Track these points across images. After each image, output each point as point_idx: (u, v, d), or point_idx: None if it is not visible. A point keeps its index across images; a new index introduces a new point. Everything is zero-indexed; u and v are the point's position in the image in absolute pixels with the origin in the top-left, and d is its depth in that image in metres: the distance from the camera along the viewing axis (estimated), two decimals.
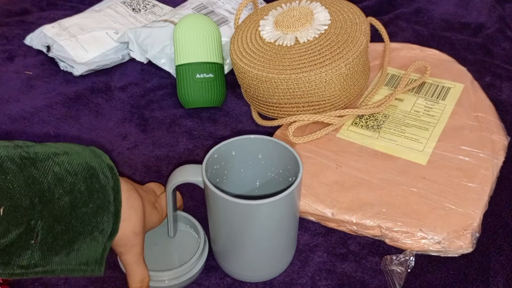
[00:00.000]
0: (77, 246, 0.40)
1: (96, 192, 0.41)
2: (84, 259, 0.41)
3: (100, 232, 0.41)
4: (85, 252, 0.41)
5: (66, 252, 0.40)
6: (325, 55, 0.63)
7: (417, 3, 0.97)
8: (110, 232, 0.42)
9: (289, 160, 0.49)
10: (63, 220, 0.39)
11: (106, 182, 0.42)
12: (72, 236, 0.40)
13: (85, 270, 0.42)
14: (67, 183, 0.39)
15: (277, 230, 0.47)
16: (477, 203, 0.55)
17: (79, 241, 0.40)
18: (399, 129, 0.65)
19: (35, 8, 1.01)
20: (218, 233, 0.49)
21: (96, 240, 0.41)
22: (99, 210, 0.41)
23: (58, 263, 0.40)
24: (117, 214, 0.42)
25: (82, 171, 0.40)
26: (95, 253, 0.42)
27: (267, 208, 0.44)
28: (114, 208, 0.42)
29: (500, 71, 0.79)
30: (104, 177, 0.42)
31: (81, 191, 0.40)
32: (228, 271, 0.52)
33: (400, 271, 0.51)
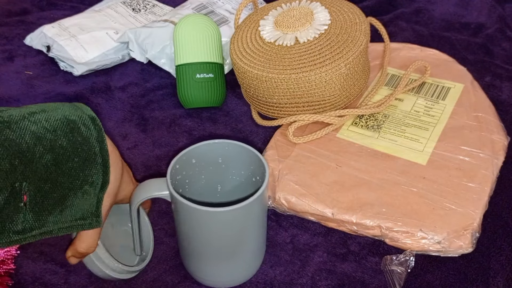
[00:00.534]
0: (69, 202, 0.40)
1: (80, 145, 0.40)
2: (80, 214, 0.41)
3: (90, 185, 0.40)
4: (79, 207, 0.40)
5: (59, 210, 0.39)
6: (325, 55, 0.63)
7: (417, 3, 0.97)
8: (101, 183, 0.41)
9: (252, 161, 0.49)
10: (49, 178, 0.38)
11: (88, 133, 0.40)
12: (62, 192, 0.39)
13: (83, 225, 0.41)
14: (47, 140, 0.38)
15: (246, 233, 0.47)
16: (477, 203, 0.55)
17: (70, 197, 0.40)
18: (399, 129, 0.65)
19: (35, 8, 1.01)
20: (189, 244, 0.48)
21: (87, 193, 0.41)
22: (85, 163, 0.40)
23: (54, 222, 0.39)
24: (105, 164, 0.41)
25: (62, 126, 0.39)
26: (89, 206, 0.41)
27: (239, 212, 0.44)
28: (102, 159, 0.41)
29: (500, 71, 0.79)
30: (86, 129, 0.40)
31: (63, 146, 0.39)
32: (203, 281, 0.52)
33: (400, 271, 0.51)
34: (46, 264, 0.54)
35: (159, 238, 0.57)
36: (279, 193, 0.58)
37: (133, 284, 0.52)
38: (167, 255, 0.55)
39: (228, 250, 0.47)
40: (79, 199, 0.40)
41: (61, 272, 0.53)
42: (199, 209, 0.43)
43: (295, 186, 0.58)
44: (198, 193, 0.53)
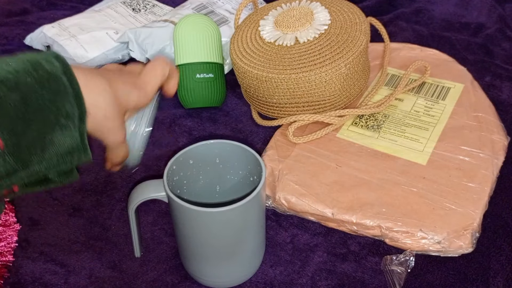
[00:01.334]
0: (48, 138, 0.39)
1: (46, 80, 0.39)
2: (64, 149, 0.40)
3: (66, 117, 0.40)
4: (61, 143, 0.40)
5: (40, 148, 0.39)
6: (325, 55, 0.63)
7: (417, 3, 0.97)
8: (78, 114, 0.40)
9: (249, 160, 0.49)
10: (20, 117, 0.37)
11: (53, 68, 0.40)
12: (37, 130, 0.38)
13: (71, 161, 0.41)
14: (10, 81, 0.37)
15: (244, 233, 0.47)
16: (477, 203, 0.55)
17: (48, 133, 0.39)
18: (399, 129, 0.65)
19: (35, 8, 1.01)
20: (188, 244, 0.48)
21: (66, 127, 0.40)
22: (56, 96, 0.39)
23: (38, 162, 0.39)
24: (77, 95, 0.40)
25: (23, 66, 0.39)
26: (72, 139, 0.40)
27: (236, 212, 0.44)
28: (72, 90, 0.40)
29: (500, 71, 0.79)
30: (50, 65, 0.40)
31: (28, 83, 0.38)
32: (202, 281, 0.52)
33: (400, 271, 0.51)
34: (46, 264, 0.54)
35: (159, 238, 0.57)
36: (279, 193, 0.58)
37: (133, 284, 0.52)
38: (167, 255, 0.55)
39: (227, 250, 0.47)
40: (58, 133, 0.40)
41: (61, 272, 0.53)
42: (195, 210, 0.43)
43: (295, 186, 0.58)
44: (197, 194, 0.53)
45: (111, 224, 0.58)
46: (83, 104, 0.41)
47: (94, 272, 0.53)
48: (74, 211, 0.60)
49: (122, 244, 0.56)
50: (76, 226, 0.58)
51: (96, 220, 0.59)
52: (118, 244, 0.56)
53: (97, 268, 0.54)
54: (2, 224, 0.55)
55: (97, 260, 0.54)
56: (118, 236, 0.57)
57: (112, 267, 0.54)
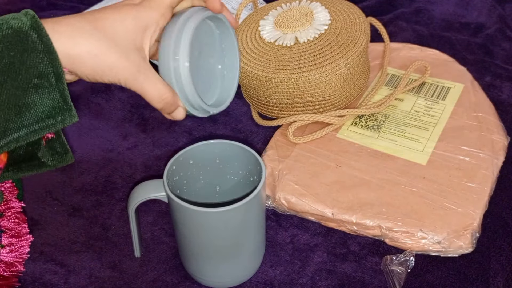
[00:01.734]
0: (23, 101, 0.36)
1: (12, 38, 0.36)
2: (45, 112, 0.37)
3: (39, 77, 0.36)
4: (38, 105, 0.37)
5: (14, 112, 0.36)
6: (325, 55, 0.63)
7: (417, 3, 0.97)
8: (53, 71, 0.37)
9: (249, 160, 0.49)
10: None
11: (20, 24, 0.37)
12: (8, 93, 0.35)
13: (55, 123, 0.38)
14: None
15: (244, 233, 0.47)
16: (477, 203, 0.55)
17: (21, 96, 0.36)
18: (399, 129, 0.65)
19: (35, 8, 1.01)
20: (188, 244, 0.48)
21: (42, 87, 0.37)
22: (23, 54, 0.36)
23: (16, 128, 0.36)
24: (49, 50, 0.36)
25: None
26: (52, 101, 0.37)
27: (236, 212, 0.44)
28: (43, 46, 0.36)
29: (500, 71, 0.79)
30: (17, 21, 0.37)
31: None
32: (202, 282, 0.52)
33: (400, 271, 0.51)
34: (46, 264, 0.54)
35: (159, 238, 0.57)
36: (279, 193, 0.58)
37: (133, 284, 0.52)
38: (167, 255, 0.55)
39: (227, 250, 0.47)
40: (32, 96, 0.36)
41: (61, 272, 0.53)
42: (195, 210, 0.43)
43: (295, 186, 0.58)
44: (197, 194, 0.53)
45: (111, 224, 0.58)
46: (57, 60, 0.37)
47: (94, 272, 0.53)
48: (74, 211, 0.60)
49: (122, 244, 0.56)
50: (76, 226, 0.58)
51: (96, 220, 0.59)
52: (118, 244, 0.56)
53: (97, 268, 0.54)
54: (15, 235, 0.56)
55: (97, 260, 0.54)
56: (118, 236, 0.57)
57: (112, 267, 0.54)
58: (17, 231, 0.56)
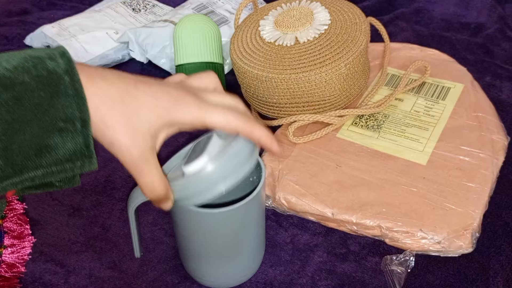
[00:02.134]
0: (45, 142, 0.36)
1: (46, 79, 0.36)
2: (65, 156, 0.37)
3: (64, 121, 0.36)
4: (60, 148, 0.36)
5: (35, 152, 0.36)
6: (325, 55, 0.63)
7: (417, 3, 0.97)
8: (80, 117, 0.36)
9: None
10: (13, 118, 0.35)
11: (55, 66, 0.36)
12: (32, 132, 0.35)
13: (73, 168, 0.37)
14: (6, 78, 0.35)
15: (244, 233, 0.47)
16: (477, 203, 0.55)
17: (44, 137, 0.36)
18: (399, 129, 0.65)
19: (35, 8, 1.01)
20: (188, 245, 0.48)
21: (66, 130, 0.36)
22: (54, 97, 0.36)
23: (34, 167, 0.36)
24: (79, 95, 0.36)
25: (23, 63, 0.36)
26: (75, 145, 0.37)
27: (236, 212, 0.44)
28: (74, 91, 0.36)
29: (500, 71, 0.79)
30: (53, 62, 0.36)
31: (25, 82, 0.35)
32: (202, 282, 0.52)
33: (400, 271, 0.51)
34: (46, 264, 0.54)
35: (159, 238, 0.57)
36: (279, 193, 0.58)
37: (133, 284, 0.52)
38: (167, 255, 0.55)
39: (227, 250, 0.47)
40: (56, 138, 0.36)
41: (61, 272, 0.53)
42: (195, 210, 0.43)
43: (295, 186, 0.58)
44: None
45: (111, 224, 0.58)
46: (85, 106, 0.36)
47: (94, 272, 0.53)
48: (74, 211, 0.60)
49: (122, 244, 0.56)
50: (76, 226, 0.58)
51: (96, 220, 0.59)
52: (118, 244, 0.56)
53: (97, 268, 0.54)
54: (17, 236, 0.56)
55: (97, 260, 0.54)
56: (118, 236, 0.57)
57: (112, 267, 0.54)
58: (19, 232, 0.56)
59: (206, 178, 0.41)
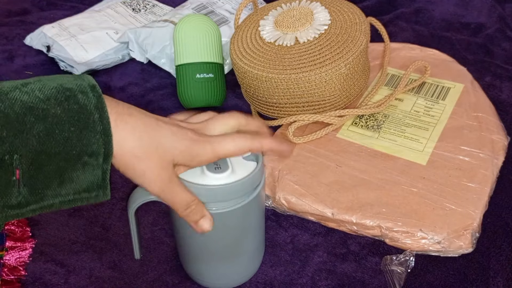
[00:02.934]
0: (68, 175, 0.37)
1: (76, 113, 0.37)
2: (83, 186, 0.38)
3: (90, 155, 0.38)
4: (80, 179, 0.38)
5: (57, 183, 0.37)
6: (325, 55, 0.63)
7: (417, 3, 0.97)
8: (104, 153, 0.38)
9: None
10: (42, 149, 0.36)
11: (86, 101, 0.38)
12: (58, 164, 0.37)
13: (88, 198, 0.39)
14: (39, 110, 0.36)
15: (244, 234, 0.47)
16: (477, 203, 0.55)
17: (69, 169, 0.37)
18: (399, 129, 0.65)
19: (35, 8, 1.01)
20: (188, 246, 0.48)
21: (88, 164, 0.38)
22: (83, 132, 0.37)
23: (53, 196, 0.37)
24: (106, 132, 0.38)
25: (56, 94, 0.37)
26: (93, 177, 0.39)
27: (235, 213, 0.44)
28: (102, 127, 0.38)
29: (500, 71, 0.79)
30: (84, 97, 0.38)
31: (57, 115, 0.36)
32: (202, 283, 0.52)
33: (400, 271, 0.51)
34: (46, 264, 0.54)
35: (159, 238, 0.57)
36: (279, 193, 0.58)
37: (133, 284, 0.52)
38: (167, 256, 0.55)
39: (226, 251, 0.47)
40: (79, 171, 0.38)
41: (61, 272, 0.53)
42: None
43: (295, 186, 0.58)
44: None
45: (111, 224, 0.58)
46: (111, 143, 0.38)
47: (94, 272, 0.53)
48: (74, 211, 0.60)
49: (122, 244, 0.56)
50: (76, 226, 0.58)
51: (96, 220, 0.59)
52: (118, 244, 0.56)
53: (97, 268, 0.54)
54: (18, 238, 0.56)
55: (97, 260, 0.54)
56: (118, 236, 0.57)
57: (112, 267, 0.54)
58: (20, 234, 0.56)
59: (227, 191, 0.43)
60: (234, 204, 0.43)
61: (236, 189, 0.43)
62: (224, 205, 0.43)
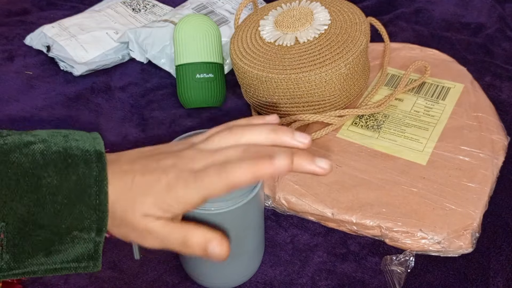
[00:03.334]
0: (55, 247, 0.36)
1: (73, 185, 0.35)
2: (72, 257, 0.36)
3: (80, 230, 0.35)
4: (69, 251, 0.36)
5: (43, 254, 0.35)
6: (325, 55, 0.63)
7: (417, 3, 0.97)
8: (96, 228, 0.36)
9: None
10: (30, 220, 0.34)
11: (87, 173, 0.35)
12: (45, 236, 0.35)
13: (77, 268, 0.37)
14: (34, 177, 0.34)
15: (243, 234, 0.47)
16: (477, 203, 0.55)
17: (56, 243, 0.35)
18: (399, 129, 0.65)
19: (35, 8, 1.01)
20: None
21: (79, 238, 0.36)
22: (75, 206, 0.35)
23: (38, 264, 0.36)
24: (101, 209, 0.35)
25: (57, 160, 0.35)
26: (84, 249, 0.36)
27: (235, 213, 0.44)
28: (98, 202, 0.35)
29: (500, 71, 0.79)
30: (86, 167, 0.35)
31: (52, 185, 0.34)
32: (202, 283, 0.52)
33: (400, 271, 0.51)
34: None
35: None
36: (279, 193, 0.58)
37: (133, 284, 0.52)
38: (167, 255, 0.55)
39: None
40: (68, 244, 0.36)
41: None
42: (193, 211, 0.43)
43: (295, 186, 0.59)
44: None
45: None
46: (105, 218, 0.36)
47: (93, 272, 0.53)
48: None
49: (122, 244, 0.56)
50: None
51: None
52: (118, 244, 0.56)
53: None
54: None
55: None
56: None
57: (112, 267, 0.54)
58: None
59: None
60: (233, 204, 0.43)
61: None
62: (223, 205, 0.43)
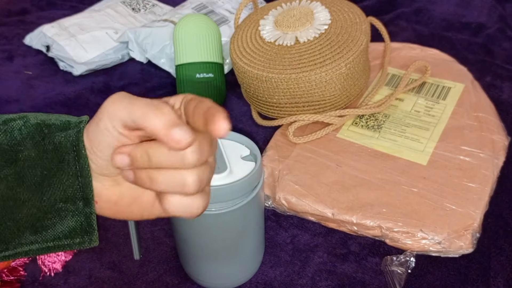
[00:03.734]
0: (41, 222, 0.34)
1: (50, 153, 0.33)
2: (63, 232, 0.35)
3: (65, 202, 0.34)
4: (57, 226, 0.34)
5: (30, 231, 0.34)
6: (325, 55, 0.63)
7: (417, 3, 0.97)
8: (82, 196, 0.34)
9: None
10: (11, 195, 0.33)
11: (64, 139, 0.33)
12: (29, 212, 0.33)
13: (71, 244, 0.35)
14: (12, 152, 0.33)
15: (243, 234, 0.47)
16: (478, 203, 0.55)
17: (41, 218, 0.34)
18: (399, 129, 0.65)
19: (35, 8, 1.01)
20: (187, 246, 0.48)
21: (66, 210, 0.34)
22: (55, 175, 0.33)
23: (28, 243, 0.34)
24: (83, 174, 0.33)
25: (34, 133, 0.33)
26: (75, 223, 0.35)
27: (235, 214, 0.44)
28: (78, 167, 0.33)
29: (500, 71, 0.79)
30: (63, 134, 0.33)
31: (30, 157, 0.33)
32: (202, 283, 0.52)
33: (401, 271, 0.51)
34: None
35: (159, 238, 0.57)
36: (279, 193, 0.58)
37: (133, 285, 0.52)
38: (167, 256, 0.55)
39: (226, 252, 0.47)
40: (54, 218, 0.34)
41: (61, 272, 0.53)
42: None
43: (295, 186, 0.58)
44: None
45: (111, 225, 0.58)
46: (89, 185, 0.34)
47: (94, 272, 0.53)
48: None
49: (122, 244, 0.56)
50: None
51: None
52: (118, 245, 0.56)
53: (97, 268, 0.54)
54: None
55: (97, 260, 0.54)
56: (118, 236, 0.57)
57: (112, 268, 0.54)
58: None
59: (226, 192, 0.43)
60: (233, 204, 0.43)
61: (234, 189, 0.43)
62: (223, 206, 0.43)
